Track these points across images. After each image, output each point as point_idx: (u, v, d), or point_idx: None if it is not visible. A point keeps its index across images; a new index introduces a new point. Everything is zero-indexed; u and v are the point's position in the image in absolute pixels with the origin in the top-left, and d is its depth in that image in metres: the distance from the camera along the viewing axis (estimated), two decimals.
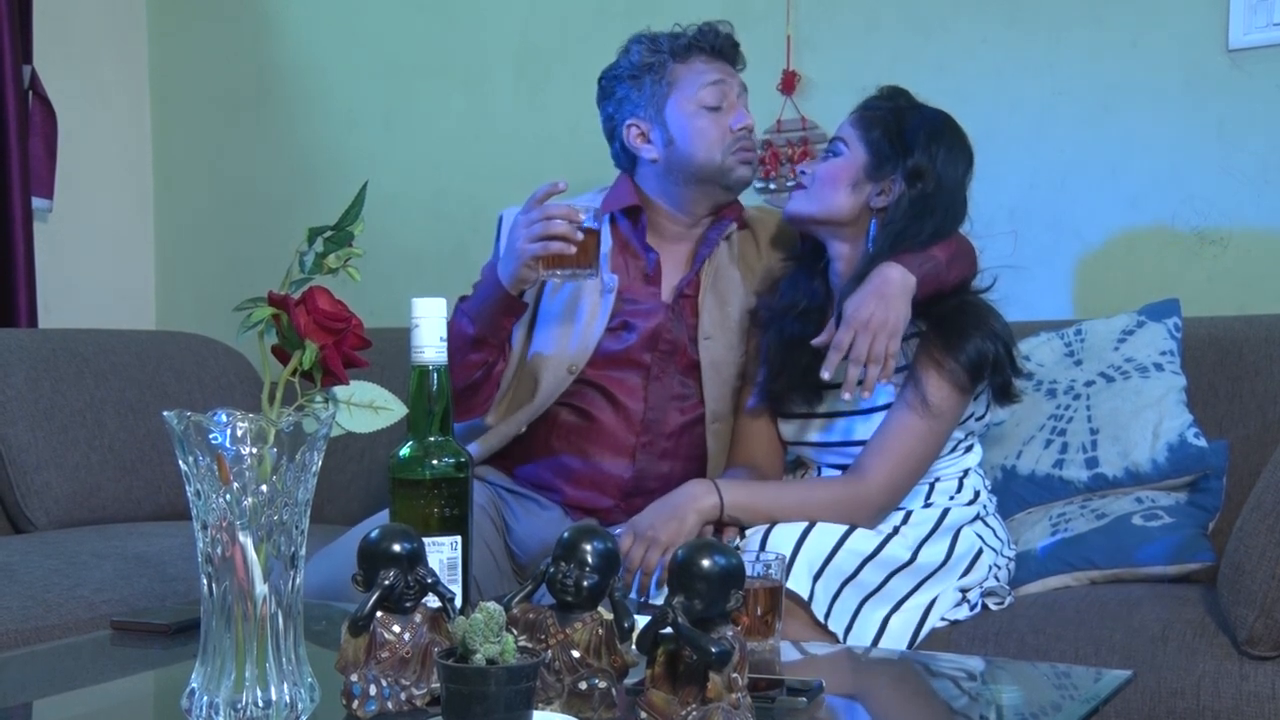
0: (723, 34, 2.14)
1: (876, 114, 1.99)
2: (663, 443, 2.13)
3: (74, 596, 2.08)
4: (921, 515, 1.94)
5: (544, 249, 1.93)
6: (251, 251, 3.36)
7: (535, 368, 2.11)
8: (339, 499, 2.78)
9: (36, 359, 2.66)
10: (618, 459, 2.12)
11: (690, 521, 1.87)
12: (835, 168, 1.99)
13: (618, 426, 2.12)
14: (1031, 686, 1.47)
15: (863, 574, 1.82)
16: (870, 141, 1.97)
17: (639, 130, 2.15)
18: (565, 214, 1.93)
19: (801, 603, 1.76)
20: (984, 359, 1.89)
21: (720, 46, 2.14)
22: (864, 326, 1.85)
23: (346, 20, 3.26)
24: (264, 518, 1.13)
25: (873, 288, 1.88)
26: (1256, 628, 1.65)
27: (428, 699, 1.23)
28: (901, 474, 1.90)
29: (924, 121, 1.97)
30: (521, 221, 1.97)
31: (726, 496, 1.88)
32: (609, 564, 1.21)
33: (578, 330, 2.11)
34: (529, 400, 2.12)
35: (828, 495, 1.90)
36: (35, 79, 3.15)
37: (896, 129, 1.96)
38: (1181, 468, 2.04)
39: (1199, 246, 2.37)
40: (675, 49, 2.13)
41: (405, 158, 3.18)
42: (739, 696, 1.13)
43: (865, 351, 1.85)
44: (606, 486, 2.13)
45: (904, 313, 1.87)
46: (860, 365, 1.85)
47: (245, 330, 1.21)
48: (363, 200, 1.23)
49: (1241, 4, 2.31)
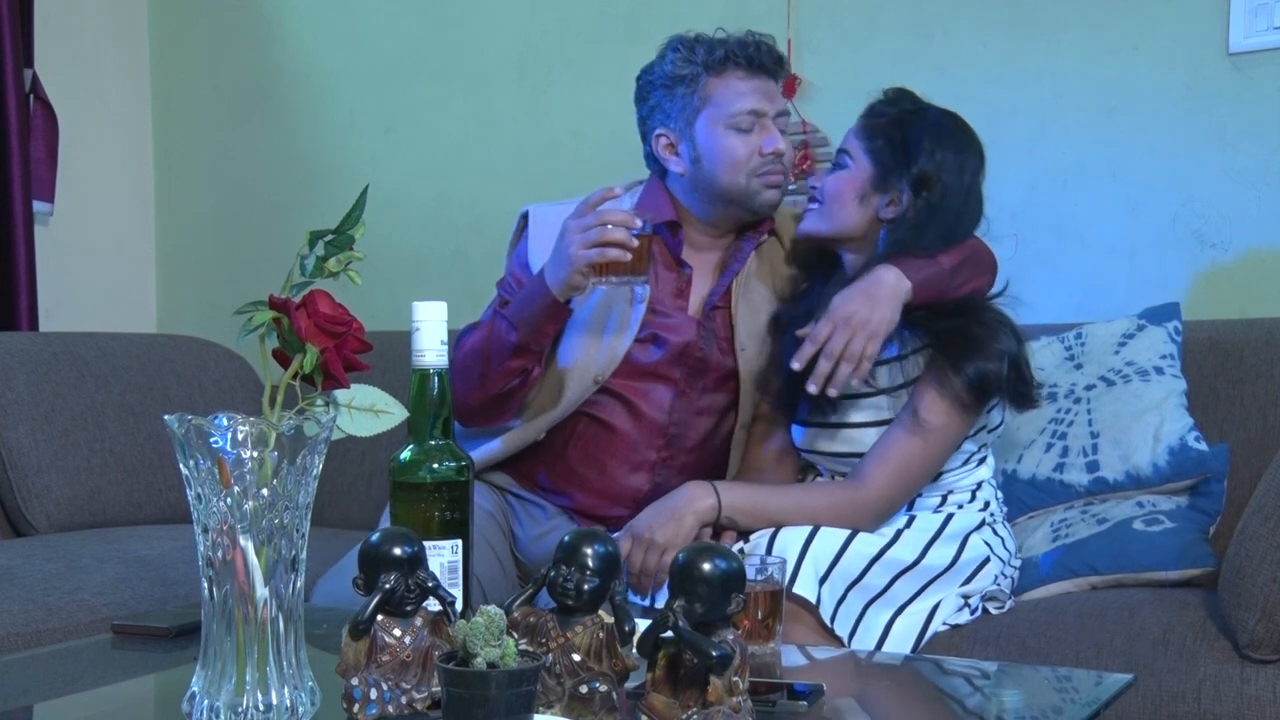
0: (764, 47, 2.06)
1: (879, 122, 1.96)
2: (683, 457, 2.10)
3: (75, 600, 2.08)
4: (924, 521, 1.93)
5: (600, 255, 1.86)
6: (252, 255, 3.36)
7: (561, 375, 2.07)
8: (340, 502, 2.78)
9: (37, 362, 2.66)
10: (637, 473, 2.09)
11: (688, 523, 1.86)
12: (841, 182, 1.96)
13: (639, 438, 2.09)
14: (1032, 690, 1.47)
15: (868, 576, 1.81)
16: (874, 152, 1.94)
17: (668, 141, 2.09)
18: (623, 220, 1.87)
19: (809, 607, 1.76)
20: (987, 380, 1.87)
21: (760, 60, 2.05)
22: (845, 322, 1.83)
23: (347, 24, 3.27)
24: (265, 521, 1.13)
25: (862, 286, 1.86)
26: (1258, 631, 1.65)
27: (428, 702, 1.23)
28: (899, 485, 1.89)
29: (928, 126, 1.94)
30: (573, 227, 1.90)
31: (724, 498, 1.88)
32: (610, 567, 1.21)
33: (606, 340, 2.07)
34: (551, 407, 2.08)
35: (825, 500, 1.90)
36: (36, 82, 3.15)
37: (900, 137, 1.93)
38: (1182, 471, 2.04)
39: (1199, 250, 2.37)
40: (710, 62, 2.05)
41: (406, 161, 3.18)
42: (740, 700, 1.13)
43: (840, 348, 1.83)
44: (622, 498, 2.10)
45: (890, 316, 1.85)
46: (832, 361, 1.83)
47: (246, 334, 1.21)
48: (364, 204, 1.23)
49: (1242, 8, 2.31)
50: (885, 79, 2.09)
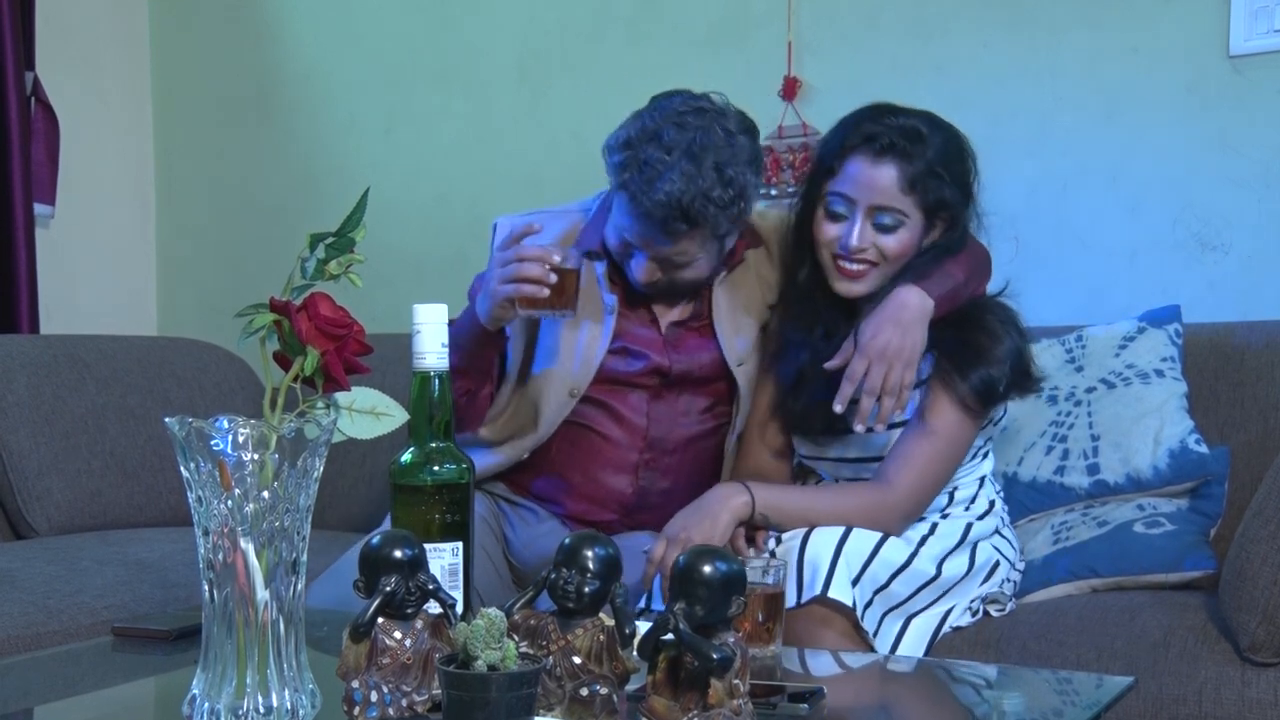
0: (672, 207, 1.87)
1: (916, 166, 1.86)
2: (666, 459, 2.10)
3: (75, 602, 2.08)
4: (946, 528, 1.93)
5: (516, 290, 1.87)
6: (253, 257, 3.36)
7: (536, 390, 2.07)
8: (340, 505, 2.78)
9: (38, 365, 2.66)
10: (620, 475, 2.09)
11: (723, 520, 1.84)
12: (904, 241, 1.88)
13: (622, 442, 2.09)
14: (1033, 693, 1.47)
15: (893, 585, 1.82)
16: (924, 207, 1.88)
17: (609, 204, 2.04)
18: (538, 256, 1.86)
19: (844, 610, 1.75)
20: (992, 388, 1.87)
21: (658, 216, 1.89)
22: (880, 356, 1.82)
23: (348, 26, 3.27)
24: (265, 523, 1.13)
25: (889, 314, 1.85)
26: (1259, 634, 1.65)
27: (429, 705, 1.23)
28: (924, 484, 1.89)
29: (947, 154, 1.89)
30: (497, 260, 1.92)
31: (757, 495, 1.86)
32: (610, 570, 1.21)
33: (579, 352, 2.06)
34: (532, 427, 2.08)
35: (856, 501, 1.89)
36: (38, 85, 3.16)
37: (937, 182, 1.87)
38: (1183, 474, 2.04)
39: (1200, 252, 2.37)
40: (619, 183, 1.94)
41: (407, 164, 3.18)
42: (740, 703, 1.13)
43: (879, 383, 1.82)
44: (608, 502, 2.10)
45: (921, 339, 1.84)
46: (874, 397, 1.82)
47: (247, 336, 1.21)
48: (364, 206, 1.23)
49: (1242, 10, 2.31)
50: (885, 80, 2.09)
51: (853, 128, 1.91)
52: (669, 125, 1.91)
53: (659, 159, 1.88)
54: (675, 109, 1.93)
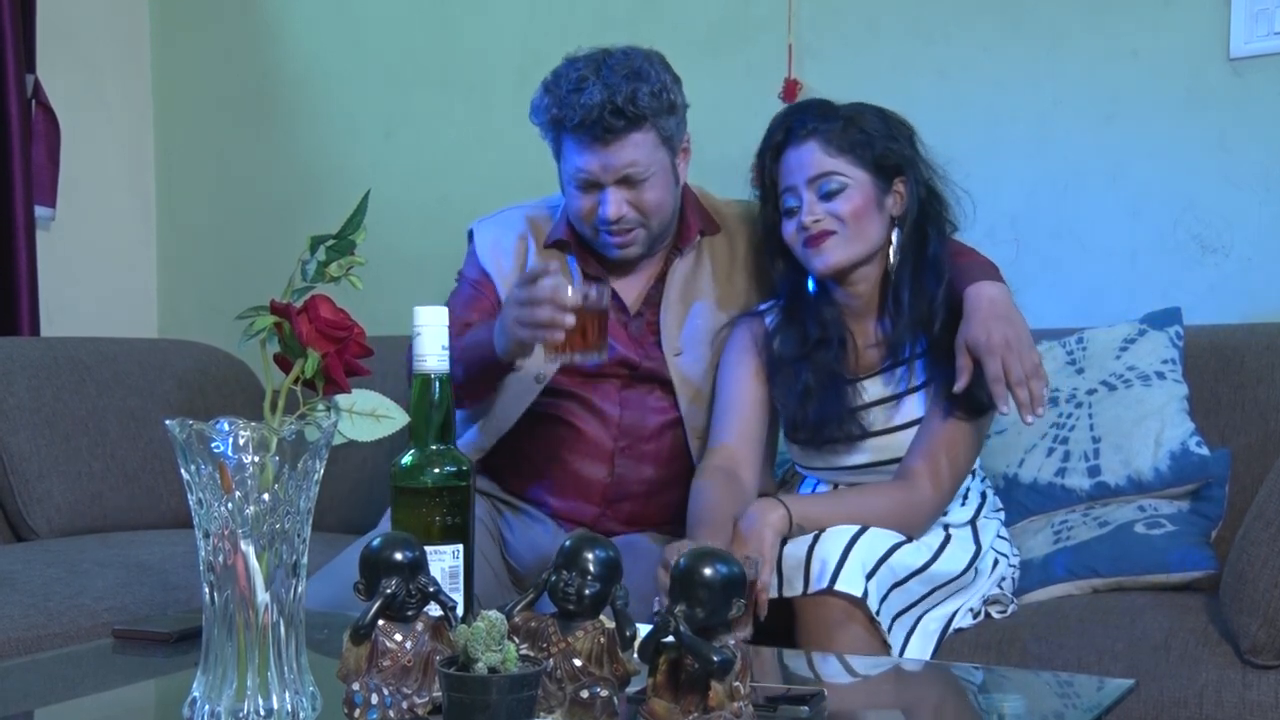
0: (604, 107, 1.95)
1: (833, 131, 1.92)
2: (642, 446, 2.11)
3: (76, 605, 2.08)
4: (960, 533, 1.94)
5: (531, 336, 1.81)
6: (253, 260, 3.36)
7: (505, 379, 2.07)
8: (341, 507, 2.78)
9: (39, 367, 2.66)
10: (596, 464, 2.10)
11: (768, 537, 1.81)
12: (852, 201, 1.91)
13: (596, 432, 2.10)
14: (1034, 695, 1.47)
15: (910, 584, 1.82)
16: (859, 160, 1.91)
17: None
18: (549, 298, 1.77)
19: (857, 603, 1.74)
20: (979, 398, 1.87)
21: (588, 126, 1.96)
22: (1006, 348, 1.82)
23: (348, 29, 3.27)
24: (266, 526, 1.13)
25: (984, 314, 1.85)
26: (1259, 636, 1.65)
27: (429, 707, 1.23)
28: (949, 476, 1.90)
29: (864, 117, 1.93)
30: (513, 299, 1.85)
31: (793, 508, 1.84)
32: (611, 572, 1.21)
33: None
34: (496, 414, 2.09)
35: (885, 501, 1.89)
36: (38, 88, 3.16)
37: (861, 137, 1.91)
38: (1183, 476, 2.04)
39: (1200, 255, 2.37)
40: (549, 122, 2.03)
41: (407, 166, 3.18)
42: (741, 705, 1.13)
43: (1021, 371, 1.81)
44: (589, 493, 2.11)
45: (1022, 318, 1.87)
46: (1025, 385, 1.82)
47: (247, 338, 1.21)
48: (365, 208, 1.23)
49: (1243, 13, 2.31)
50: (886, 83, 2.09)
51: (774, 133, 1.97)
52: (574, 62, 2.03)
53: (575, 78, 1.98)
54: (574, 56, 2.05)
